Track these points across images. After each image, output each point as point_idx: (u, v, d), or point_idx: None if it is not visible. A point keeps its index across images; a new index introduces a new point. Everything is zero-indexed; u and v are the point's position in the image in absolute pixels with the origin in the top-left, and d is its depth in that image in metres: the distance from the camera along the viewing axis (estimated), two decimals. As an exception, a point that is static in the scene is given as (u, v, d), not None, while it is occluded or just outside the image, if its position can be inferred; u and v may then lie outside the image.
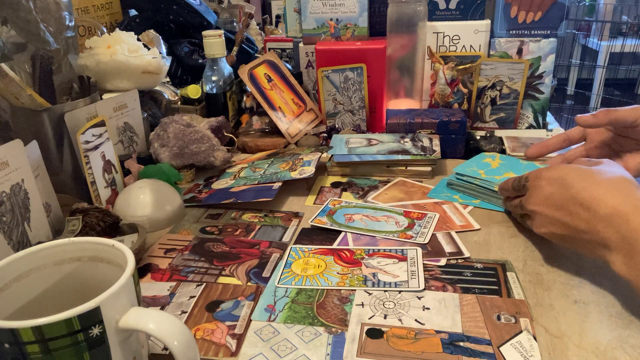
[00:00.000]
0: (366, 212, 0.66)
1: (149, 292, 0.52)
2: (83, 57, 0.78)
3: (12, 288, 0.38)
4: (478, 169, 0.70)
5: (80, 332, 0.31)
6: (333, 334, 0.45)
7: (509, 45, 0.90)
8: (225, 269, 0.56)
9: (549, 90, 0.91)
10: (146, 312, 0.35)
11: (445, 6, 0.92)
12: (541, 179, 0.53)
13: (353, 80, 0.90)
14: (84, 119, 0.67)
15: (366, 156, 0.77)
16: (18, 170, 0.54)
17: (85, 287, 0.40)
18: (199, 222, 0.66)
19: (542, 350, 0.42)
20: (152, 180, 0.68)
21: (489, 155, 0.75)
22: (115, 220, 0.60)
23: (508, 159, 0.74)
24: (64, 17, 0.73)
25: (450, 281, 0.52)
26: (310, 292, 0.51)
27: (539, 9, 0.88)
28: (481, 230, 0.62)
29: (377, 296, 0.50)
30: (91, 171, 0.65)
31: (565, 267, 0.53)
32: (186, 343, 0.34)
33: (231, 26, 1.20)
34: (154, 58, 0.81)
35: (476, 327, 0.45)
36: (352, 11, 0.93)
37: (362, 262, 0.55)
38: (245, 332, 0.46)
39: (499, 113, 0.93)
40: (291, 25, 1.11)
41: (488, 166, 0.71)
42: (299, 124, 0.91)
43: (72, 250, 0.40)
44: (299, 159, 0.77)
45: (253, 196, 0.68)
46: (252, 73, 0.91)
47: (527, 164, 0.72)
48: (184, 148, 0.77)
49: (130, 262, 0.36)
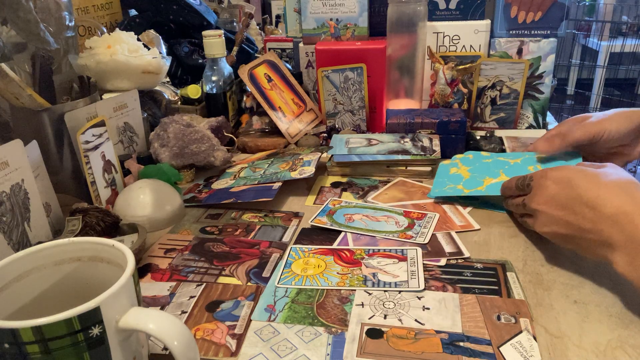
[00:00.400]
0: (366, 212, 0.66)
1: (149, 292, 0.52)
2: (83, 57, 0.78)
3: (12, 288, 0.38)
4: (455, 185, 0.69)
5: (80, 332, 0.31)
6: (333, 334, 0.45)
7: (509, 45, 0.90)
8: (225, 269, 0.56)
9: (549, 90, 0.91)
10: (146, 312, 0.35)
11: (445, 6, 0.92)
12: (547, 179, 0.53)
13: (353, 80, 0.90)
14: (84, 119, 0.67)
15: (366, 156, 0.77)
16: (18, 170, 0.54)
17: (85, 287, 0.40)
18: (199, 222, 0.66)
19: (542, 350, 0.42)
20: (152, 180, 0.68)
21: (452, 164, 0.75)
22: (115, 220, 0.60)
23: (473, 160, 0.74)
24: (64, 17, 0.73)
25: (450, 281, 0.52)
26: (310, 292, 0.51)
27: (539, 9, 0.88)
28: (481, 230, 0.62)
29: (377, 296, 0.50)
30: (91, 171, 0.65)
31: (565, 267, 0.53)
32: (186, 343, 0.34)
33: (231, 26, 1.20)
34: (154, 58, 0.81)
35: (476, 327, 0.45)
36: (352, 11, 0.93)
37: (362, 262, 0.55)
38: (245, 332, 0.46)
39: (499, 113, 0.93)
40: (291, 25, 1.11)
41: (460, 178, 0.71)
42: (299, 124, 0.91)
43: (72, 250, 0.40)
44: (299, 159, 0.77)
45: (253, 196, 0.68)
46: (252, 73, 0.91)
47: (492, 161, 0.72)
48: (184, 148, 0.77)
49: (130, 262, 0.36)
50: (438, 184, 0.72)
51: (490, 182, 0.67)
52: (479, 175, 0.70)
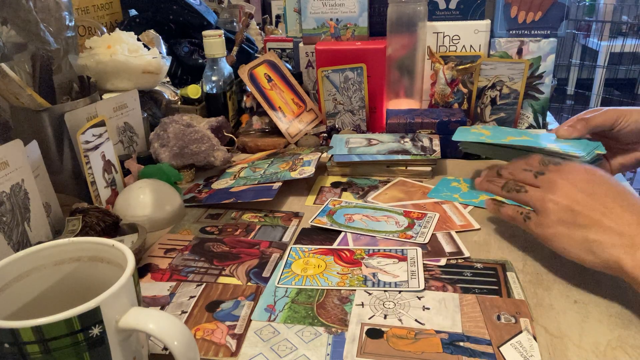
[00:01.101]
0: (366, 212, 0.66)
1: (149, 292, 0.52)
2: (83, 57, 0.78)
3: (12, 288, 0.38)
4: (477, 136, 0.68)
5: (80, 332, 0.31)
6: (333, 334, 0.45)
7: (509, 45, 0.90)
8: (225, 269, 0.56)
9: (549, 90, 0.91)
10: (146, 312, 0.35)
11: (445, 6, 0.92)
12: (576, 165, 0.51)
13: (353, 80, 0.90)
14: (84, 119, 0.67)
15: (366, 156, 0.77)
16: (18, 170, 0.54)
17: (85, 287, 0.40)
18: (199, 222, 0.66)
19: (542, 350, 0.42)
20: (152, 180, 0.68)
21: (474, 127, 0.74)
22: (115, 220, 0.60)
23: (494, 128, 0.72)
24: (64, 17, 0.73)
25: (450, 281, 0.52)
26: (310, 292, 0.51)
27: (539, 9, 0.88)
28: (481, 230, 0.62)
29: (377, 296, 0.50)
30: (91, 171, 0.65)
31: (565, 267, 0.53)
32: (186, 343, 0.34)
33: (231, 26, 1.21)
34: (154, 58, 0.81)
35: (476, 327, 0.45)
36: (352, 11, 0.93)
37: (362, 262, 0.55)
38: (245, 332, 0.46)
39: (499, 113, 0.93)
40: (291, 25, 1.11)
41: (481, 134, 0.70)
42: (299, 124, 0.91)
43: (72, 250, 0.40)
44: (299, 159, 0.77)
45: (253, 196, 0.68)
46: (252, 73, 0.91)
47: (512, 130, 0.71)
48: (184, 148, 0.77)
49: (130, 262, 0.36)
50: (460, 132, 0.71)
51: (513, 138, 0.66)
52: (501, 134, 0.69)
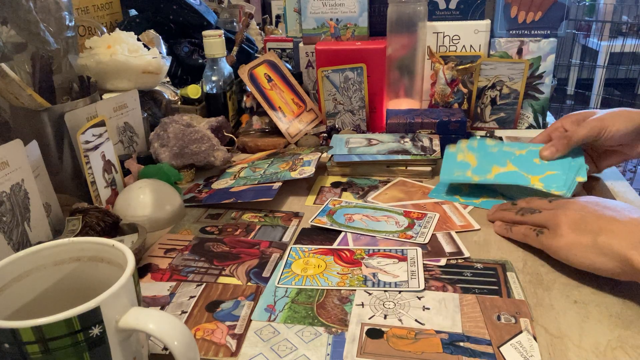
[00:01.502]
0: (366, 212, 0.66)
1: (149, 292, 0.52)
2: (83, 57, 0.78)
3: (12, 288, 0.38)
4: (463, 172, 0.69)
5: (80, 332, 0.31)
6: (333, 334, 0.45)
7: (509, 45, 0.90)
8: (225, 269, 0.56)
9: (549, 90, 0.92)
10: (146, 312, 0.35)
11: (445, 6, 0.92)
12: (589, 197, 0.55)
13: (353, 80, 0.90)
14: (84, 119, 0.67)
15: (366, 156, 0.77)
16: (18, 170, 0.54)
17: (85, 287, 0.40)
18: (199, 222, 0.66)
19: (542, 351, 0.42)
20: (152, 180, 0.68)
21: (459, 150, 0.73)
22: (115, 220, 0.60)
23: (479, 148, 0.72)
24: (64, 17, 0.73)
25: (450, 281, 0.52)
26: (310, 292, 0.51)
27: (539, 9, 0.88)
28: (481, 230, 0.62)
29: (377, 296, 0.50)
30: (91, 171, 0.65)
31: (565, 267, 0.53)
32: (186, 343, 0.34)
33: (231, 26, 1.21)
34: (154, 58, 0.81)
35: (476, 327, 0.45)
36: (352, 11, 0.93)
37: (362, 262, 0.55)
38: (245, 332, 0.46)
39: (499, 113, 0.93)
40: (291, 25, 1.11)
41: (468, 165, 0.70)
42: (299, 124, 0.91)
43: (72, 250, 0.40)
44: (299, 159, 0.77)
45: (253, 196, 0.68)
46: (252, 73, 0.91)
47: (498, 150, 0.71)
48: (184, 148, 0.77)
49: (130, 262, 0.36)
50: (446, 170, 0.71)
51: (498, 171, 0.67)
52: (487, 163, 0.70)
